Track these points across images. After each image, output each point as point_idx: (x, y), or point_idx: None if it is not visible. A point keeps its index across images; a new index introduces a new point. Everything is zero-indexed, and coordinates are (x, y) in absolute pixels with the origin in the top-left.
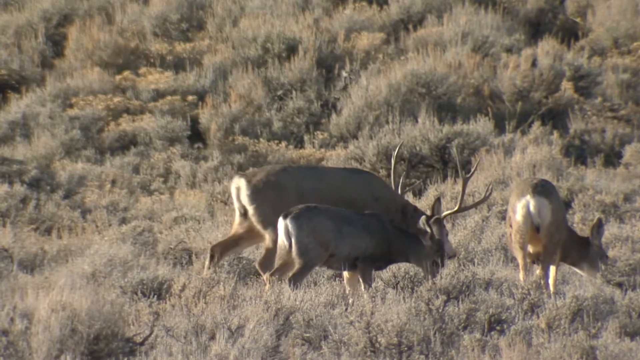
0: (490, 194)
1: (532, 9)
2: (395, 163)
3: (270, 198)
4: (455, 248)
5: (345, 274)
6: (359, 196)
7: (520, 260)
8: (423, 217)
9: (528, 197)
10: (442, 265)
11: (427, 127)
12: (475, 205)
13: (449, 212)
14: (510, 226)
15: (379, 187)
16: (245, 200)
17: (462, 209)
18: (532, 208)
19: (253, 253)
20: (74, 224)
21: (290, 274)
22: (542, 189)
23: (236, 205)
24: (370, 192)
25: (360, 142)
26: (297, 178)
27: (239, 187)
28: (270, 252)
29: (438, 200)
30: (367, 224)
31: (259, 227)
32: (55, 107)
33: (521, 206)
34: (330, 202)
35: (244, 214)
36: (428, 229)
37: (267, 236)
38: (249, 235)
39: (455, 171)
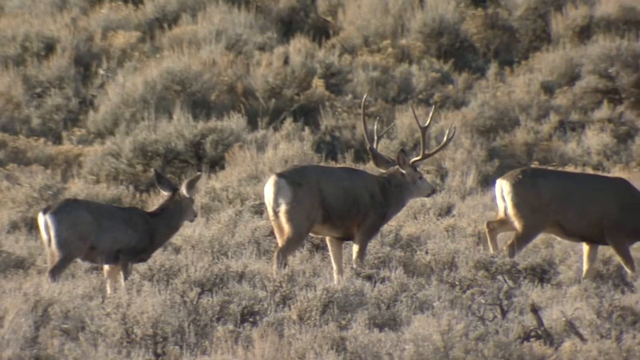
0: (453, 135)
1: (284, 7)
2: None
3: None
4: (431, 183)
5: (105, 267)
6: None
7: None
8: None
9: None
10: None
11: (182, 123)
12: (438, 150)
13: (415, 158)
14: None
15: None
16: None
17: (426, 155)
18: None
19: (12, 247)
20: None
21: (50, 266)
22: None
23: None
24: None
25: (117, 138)
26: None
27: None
28: None
29: (402, 151)
30: (129, 219)
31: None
32: None
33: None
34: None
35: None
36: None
37: None
38: None
39: (209, 167)
